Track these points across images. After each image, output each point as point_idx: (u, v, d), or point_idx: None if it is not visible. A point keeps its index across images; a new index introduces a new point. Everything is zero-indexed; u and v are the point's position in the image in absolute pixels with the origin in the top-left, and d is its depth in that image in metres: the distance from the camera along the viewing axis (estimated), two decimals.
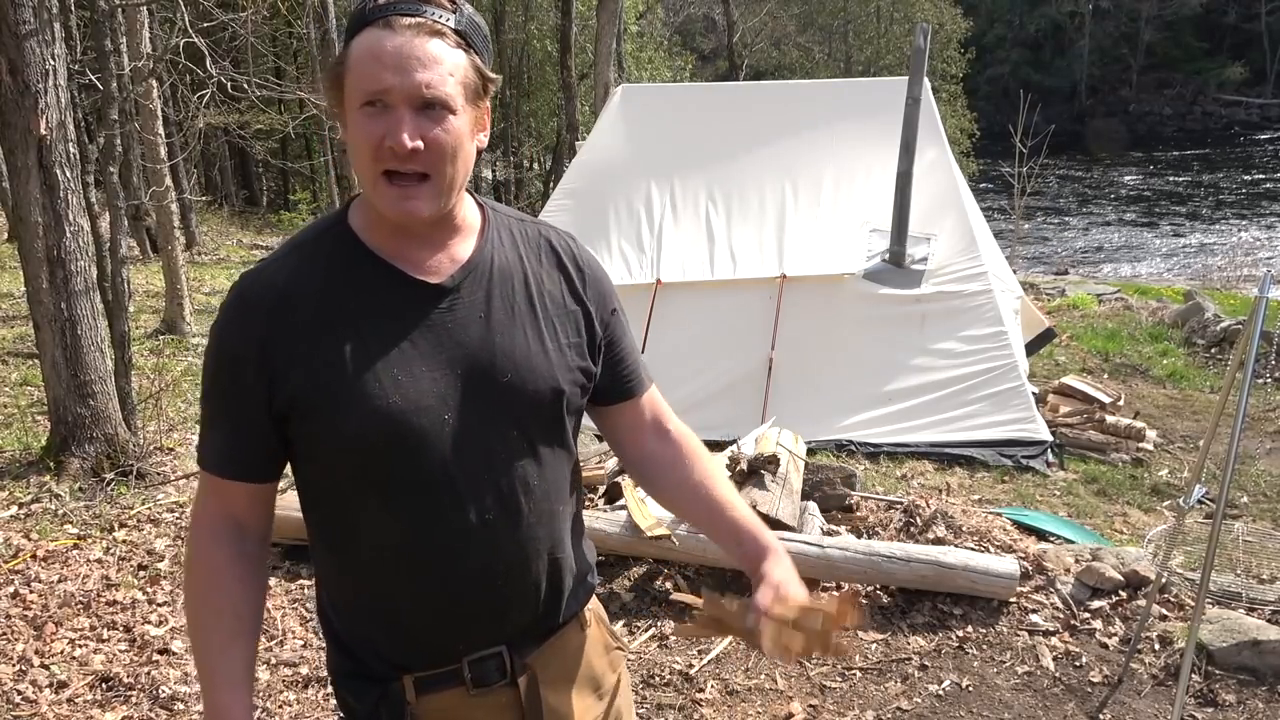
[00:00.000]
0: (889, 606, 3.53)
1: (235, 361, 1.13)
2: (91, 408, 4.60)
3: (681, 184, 6.54)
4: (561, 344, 1.22)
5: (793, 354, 5.82)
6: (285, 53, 20.56)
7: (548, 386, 1.20)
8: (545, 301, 1.23)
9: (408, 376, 1.12)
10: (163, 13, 10.80)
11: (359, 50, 1.06)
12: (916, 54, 6.06)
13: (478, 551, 1.17)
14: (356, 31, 1.08)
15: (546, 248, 1.27)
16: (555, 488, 1.24)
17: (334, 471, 1.16)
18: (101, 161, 5.19)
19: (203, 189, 20.80)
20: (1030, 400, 5.68)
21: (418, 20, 1.05)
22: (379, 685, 1.22)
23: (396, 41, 1.04)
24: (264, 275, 1.16)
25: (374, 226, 1.16)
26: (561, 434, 1.25)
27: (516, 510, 1.19)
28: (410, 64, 1.04)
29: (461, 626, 1.21)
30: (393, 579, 1.18)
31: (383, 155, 1.06)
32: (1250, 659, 3.09)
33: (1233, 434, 2.45)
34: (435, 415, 1.13)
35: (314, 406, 1.11)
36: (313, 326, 1.12)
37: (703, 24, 30.83)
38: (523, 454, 1.19)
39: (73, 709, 2.91)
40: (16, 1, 4.10)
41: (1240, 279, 14.16)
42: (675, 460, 1.36)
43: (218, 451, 1.18)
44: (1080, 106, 44.32)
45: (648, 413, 1.37)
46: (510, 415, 1.18)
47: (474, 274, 1.18)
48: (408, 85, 1.04)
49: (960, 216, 6.19)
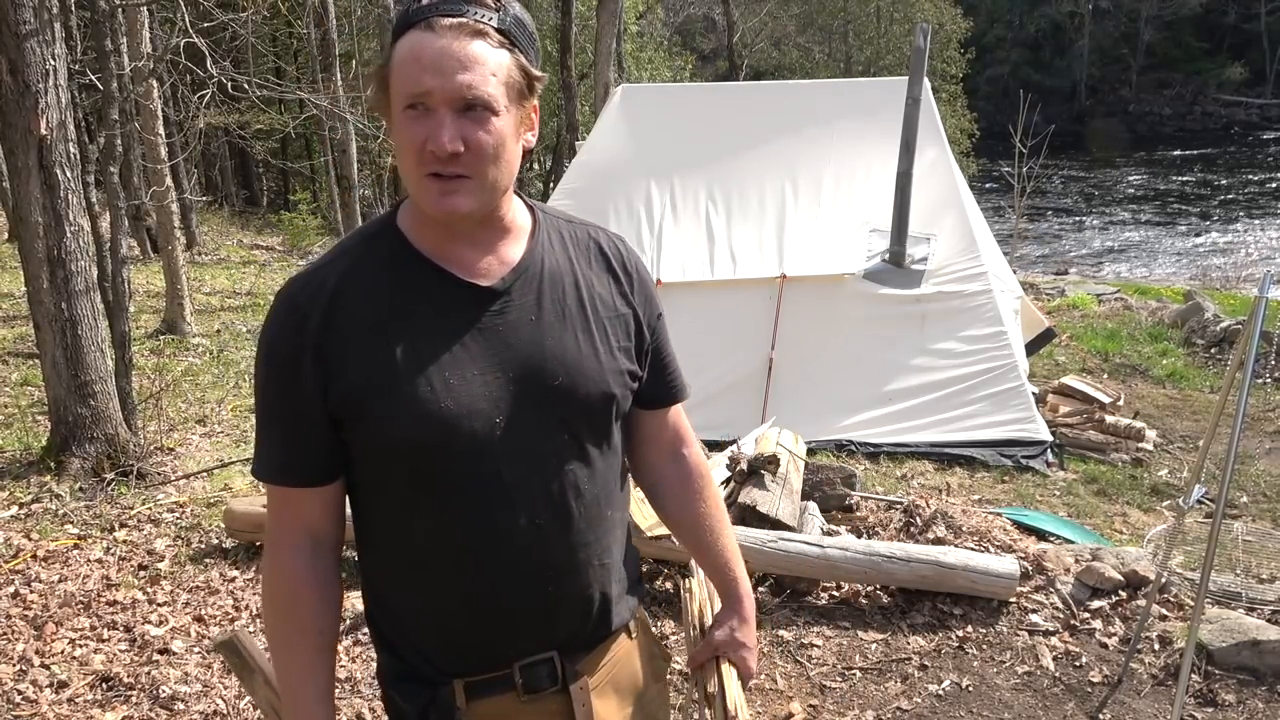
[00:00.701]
0: (889, 606, 3.53)
1: (287, 365, 1.11)
2: (92, 408, 4.61)
3: (681, 184, 6.54)
4: (612, 347, 1.22)
5: (793, 354, 5.82)
6: (285, 53, 20.55)
7: (599, 390, 1.19)
8: (596, 304, 1.22)
9: (459, 380, 1.12)
10: (163, 13, 10.80)
11: (401, 52, 1.06)
12: (916, 54, 6.06)
13: (529, 555, 1.17)
14: (401, 33, 1.07)
15: (596, 250, 1.27)
16: (605, 491, 1.25)
17: (385, 474, 1.15)
18: (101, 161, 5.19)
19: (203, 189, 20.79)
20: (1030, 400, 5.68)
21: (459, 21, 1.05)
22: (429, 688, 1.21)
23: (438, 43, 1.04)
24: (314, 278, 1.14)
25: (423, 229, 1.16)
26: (611, 437, 1.25)
27: (567, 514, 1.19)
28: (451, 65, 1.03)
29: (512, 631, 1.20)
30: (443, 582, 1.18)
31: (425, 158, 1.06)
32: (1250, 659, 3.09)
33: (1233, 434, 2.45)
34: (487, 419, 1.13)
35: (366, 409, 1.11)
36: (364, 329, 1.11)
37: (703, 24, 30.83)
38: (573, 457, 1.19)
39: (73, 709, 2.91)
40: (16, 1, 4.11)
41: (1240, 279, 14.17)
42: (684, 485, 1.41)
43: (272, 460, 1.17)
44: (1080, 106, 44.31)
45: (671, 425, 1.40)
46: (561, 419, 1.17)
47: (524, 276, 1.18)
48: (448, 87, 1.04)
49: (960, 216, 6.19)
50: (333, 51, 13.81)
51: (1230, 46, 43.81)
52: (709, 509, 1.41)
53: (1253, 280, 13.27)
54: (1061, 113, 35.61)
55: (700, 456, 1.43)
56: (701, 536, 1.41)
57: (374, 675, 3.09)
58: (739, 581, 1.41)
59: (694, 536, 1.42)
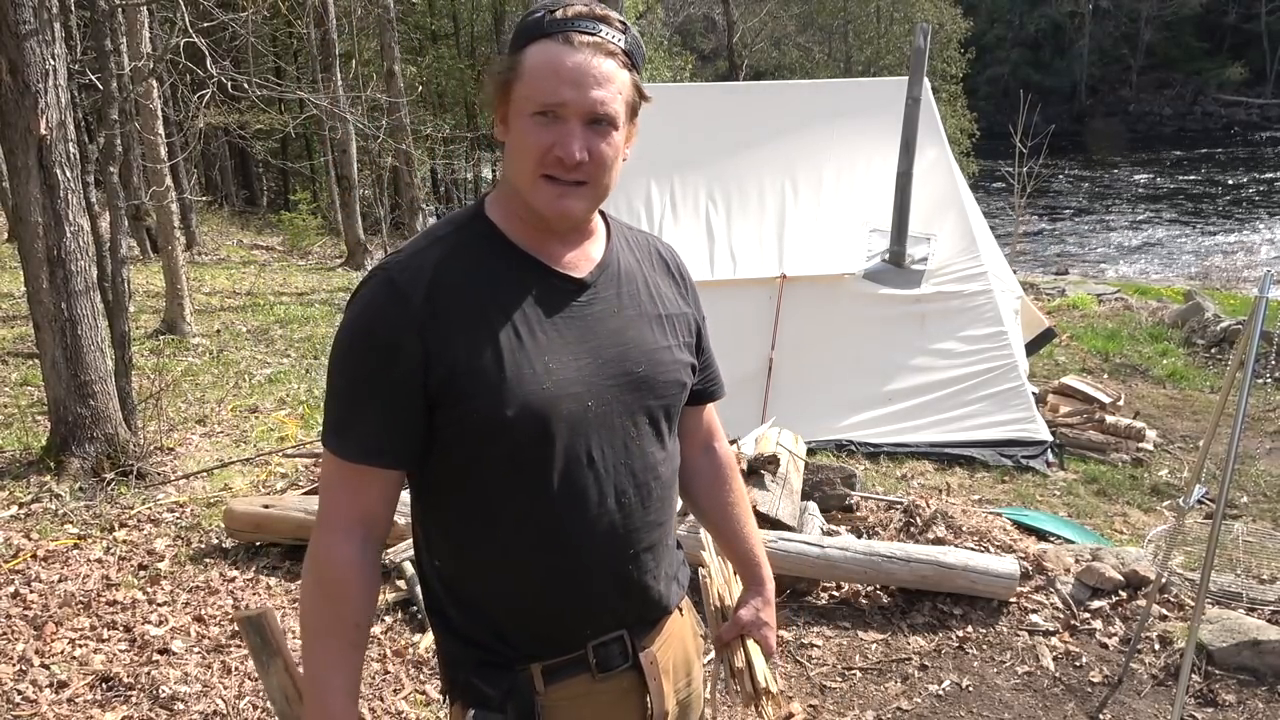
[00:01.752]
0: (889, 606, 3.53)
1: (390, 347, 1.13)
2: (91, 408, 4.60)
3: (681, 183, 6.54)
4: (680, 341, 1.32)
5: (793, 354, 5.83)
6: (285, 53, 20.55)
7: (674, 378, 1.29)
8: (664, 302, 1.32)
9: (557, 364, 1.17)
10: (163, 13, 10.80)
11: (536, 61, 1.12)
12: (916, 54, 6.06)
13: (612, 534, 1.23)
14: (529, 41, 1.13)
15: (656, 255, 1.37)
16: (674, 476, 1.34)
17: (481, 457, 1.17)
18: (101, 161, 5.19)
19: (203, 189, 20.79)
20: (1030, 400, 5.69)
21: (595, 40, 1.12)
22: (508, 674, 1.24)
23: (576, 58, 1.11)
24: (412, 262, 1.17)
25: (516, 221, 1.21)
26: (675, 425, 1.34)
27: (649, 494, 1.26)
28: (588, 81, 1.11)
29: (591, 610, 1.25)
30: (529, 564, 1.21)
31: (549, 162, 1.13)
32: (1250, 659, 3.09)
33: (1233, 434, 2.45)
34: (581, 401, 1.18)
35: (471, 391, 1.14)
36: (466, 313, 1.15)
37: (703, 24, 30.82)
38: (652, 441, 1.27)
39: (73, 709, 2.91)
40: (16, 1, 4.11)
41: (1240, 279, 14.17)
42: (714, 476, 1.50)
43: (364, 439, 1.17)
44: (1080, 106, 44.31)
45: (707, 420, 1.49)
46: (643, 404, 1.25)
47: (607, 273, 1.26)
48: (584, 101, 1.11)
49: (960, 216, 6.19)
50: (333, 51, 13.81)
51: (1230, 46, 43.80)
52: (736, 498, 1.50)
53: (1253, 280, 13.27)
54: (1061, 113, 35.62)
55: (728, 450, 1.52)
56: (729, 524, 1.49)
57: (374, 676, 3.09)
58: (762, 565, 1.50)
59: (722, 524, 1.50)
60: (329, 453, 1.20)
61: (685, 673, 1.41)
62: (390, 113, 12.61)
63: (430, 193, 23.49)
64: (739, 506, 1.50)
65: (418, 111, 17.82)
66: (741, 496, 1.51)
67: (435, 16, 24.26)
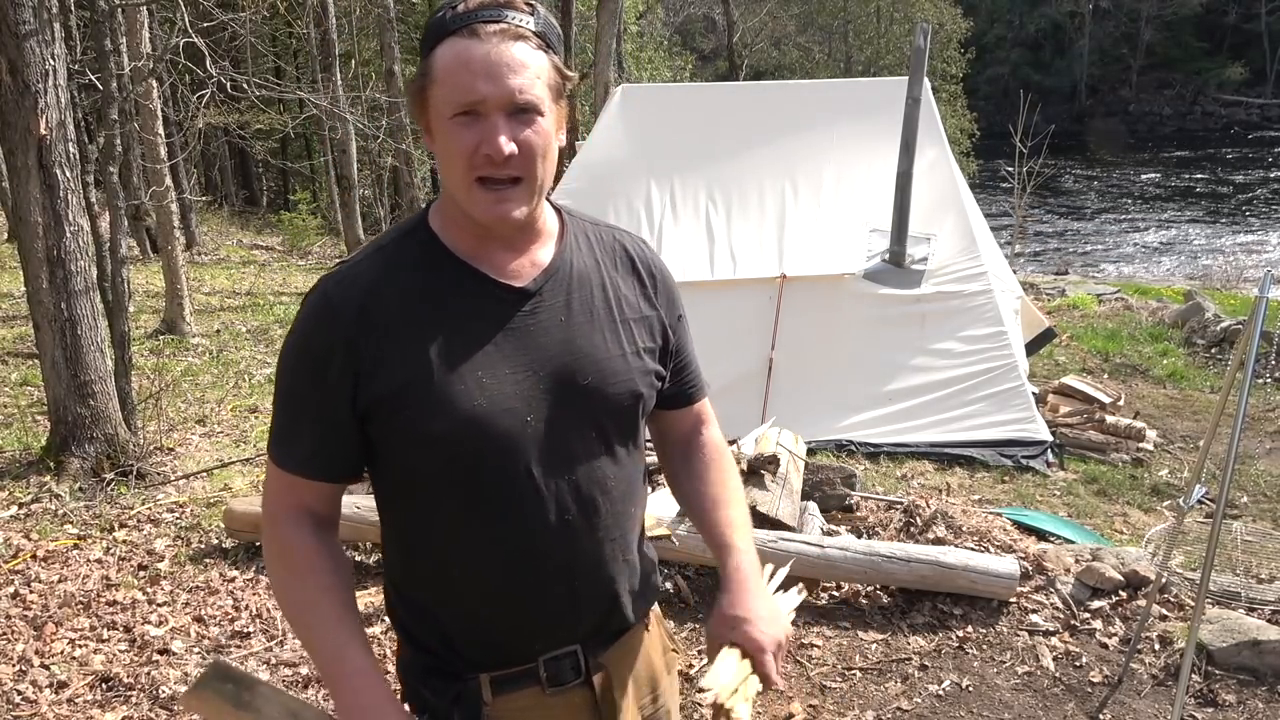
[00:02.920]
0: (889, 606, 3.53)
1: (321, 362, 1.12)
2: (91, 408, 4.61)
3: (681, 184, 6.54)
4: (639, 348, 1.25)
5: (793, 354, 5.82)
6: (285, 53, 20.55)
7: (627, 390, 1.22)
8: (622, 306, 1.25)
9: (492, 379, 1.14)
10: (163, 13, 10.80)
11: (446, 61, 1.07)
12: (916, 54, 6.06)
13: (557, 550, 1.19)
14: (437, 42, 1.08)
15: (621, 253, 1.30)
16: (630, 489, 1.28)
17: (417, 471, 1.16)
18: (101, 161, 5.19)
19: (203, 189, 20.79)
20: (1030, 400, 5.68)
21: (502, 26, 1.06)
22: (456, 682, 1.22)
23: (484, 49, 1.06)
24: (348, 276, 1.16)
25: (456, 230, 1.17)
26: (636, 437, 1.28)
27: (594, 510, 1.22)
28: (501, 71, 1.06)
29: (538, 626, 1.22)
30: (473, 577, 1.19)
31: (478, 162, 1.08)
32: (1250, 659, 3.08)
33: (1233, 434, 2.45)
34: (519, 417, 1.15)
35: (401, 407, 1.12)
36: (398, 327, 1.12)
37: (703, 24, 30.83)
38: (601, 456, 1.22)
39: (73, 709, 2.91)
40: (16, 1, 4.11)
41: (1240, 279, 14.16)
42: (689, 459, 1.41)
43: (300, 453, 1.17)
44: (1080, 106, 44.30)
45: (691, 419, 1.43)
46: (590, 418, 1.20)
47: (555, 278, 1.20)
48: (501, 92, 1.06)
49: (960, 216, 6.18)
50: (333, 51, 13.81)
51: (1230, 46, 43.79)
52: (712, 477, 1.39)
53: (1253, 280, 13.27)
54: (1061, 113, 35.60)
55: (715, 436, 1.44)
56: (701, 505, 1.37)
57: None
58: (730, 550, 1.30)
59: (695, 508, 1.38)
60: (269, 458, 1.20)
61: (650, 689, 1.37)
62: (390, 113, 12.62)
63: (430, 193, 23.49)
64: (713, 486, 1.38)
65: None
66: (720, 476, 1.39)
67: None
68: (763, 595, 1.29)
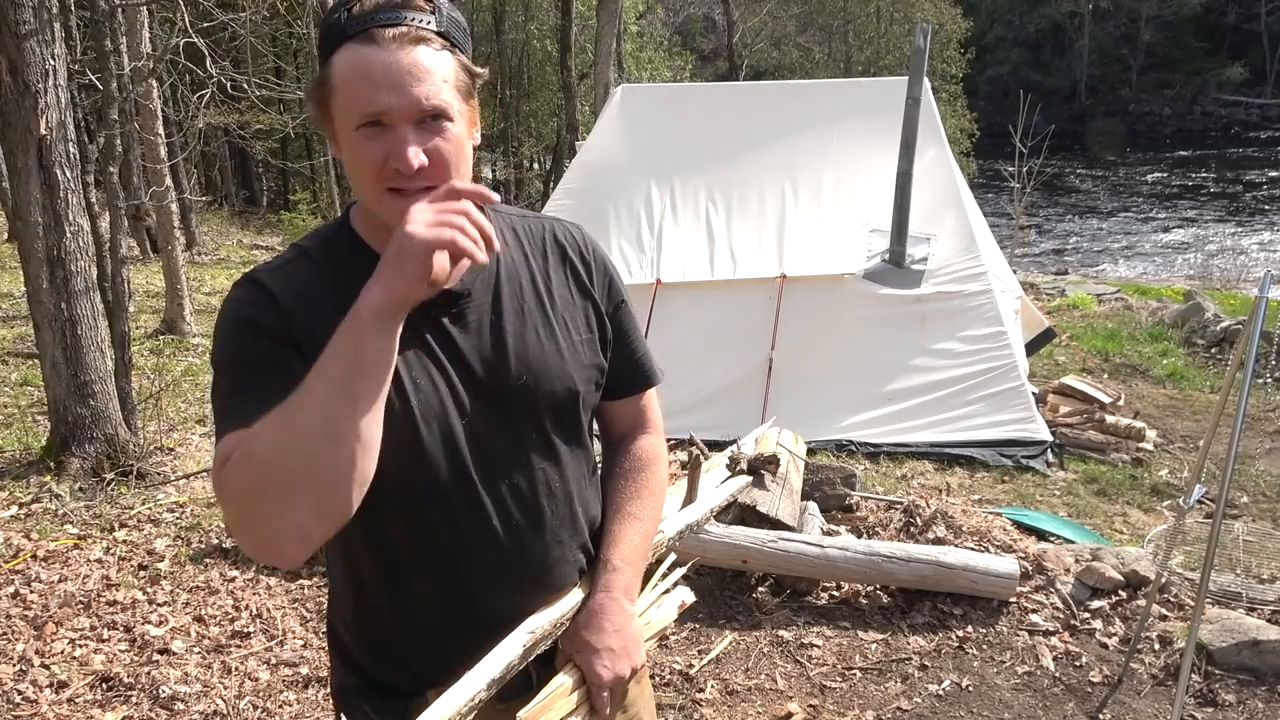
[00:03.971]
0: (889, 606, 3.53)
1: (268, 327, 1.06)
2: (91, 408, 4.61)
3: (681, 184, 6.54)
4: (574, 341, 1.21)
5: (793, 354, 5.82)
6: (285, 53, 20.54)
7: (563, 386, 1.18)
8: (554, 299, 1.21)
9: (425, 381, 1.10)
10: (163, 13, 10.80)
11: (345, 69, 1.01)
12: (916, 54, 6.06)
13: (502, 557, 1.16)
14: (335, 47, 1.02)
15: (551, 242, 1.25)
16: (576, 488, 1.24)
17: None
18: (101, 161, 5.19)
19: (203, 189, 20.79)
20: (1030, 400, 5.68)
21: (401, 30, 1.00)
22: (402, 700, 1.18)
23: (384, 57, 0.99)
24: (276, 273, 1.11)
25: (379, 233, 1.11)
26: (579, 433, 1.24)
27: (539, 513, 1.18)
28: (404, 80, 0.99)
29: (486, 635, 1.17)
30: (416, 589, 1.16)
31: (387, 175, 1.02)
32: (1250, 659, 3.09)
33: (1233, 434, 2.45)
34: (452, 420, 1.11)
35: None
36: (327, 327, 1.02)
37: (703, 24, 30.82)
38: (542, 456, 1.18)
39: (73, 709, 2.91)
40: (16, 1, 4.11)
41: (1240, 279, 14.16)
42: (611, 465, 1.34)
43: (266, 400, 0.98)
44: (1080, 106, 44.28)
45: (631, 414, 1.35)
46: (527, 418, 1.16)
47: (482, 277, 1.16)
48: (406, 102, 1.00)
49: (960, 216, 6.19)
50: None
51: (1230, 46, 43.78)
52: (621, 485, 1.31)
53: (1253, 280, 13.27)
54: (1061, 113, 35.57)
55: (649, 444, 1.36)
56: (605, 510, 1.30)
57: None
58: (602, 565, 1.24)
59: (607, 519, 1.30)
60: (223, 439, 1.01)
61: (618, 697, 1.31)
62: None
63: None
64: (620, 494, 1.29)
65: None
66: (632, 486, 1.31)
67: None
68: (619, 626, 1.21)
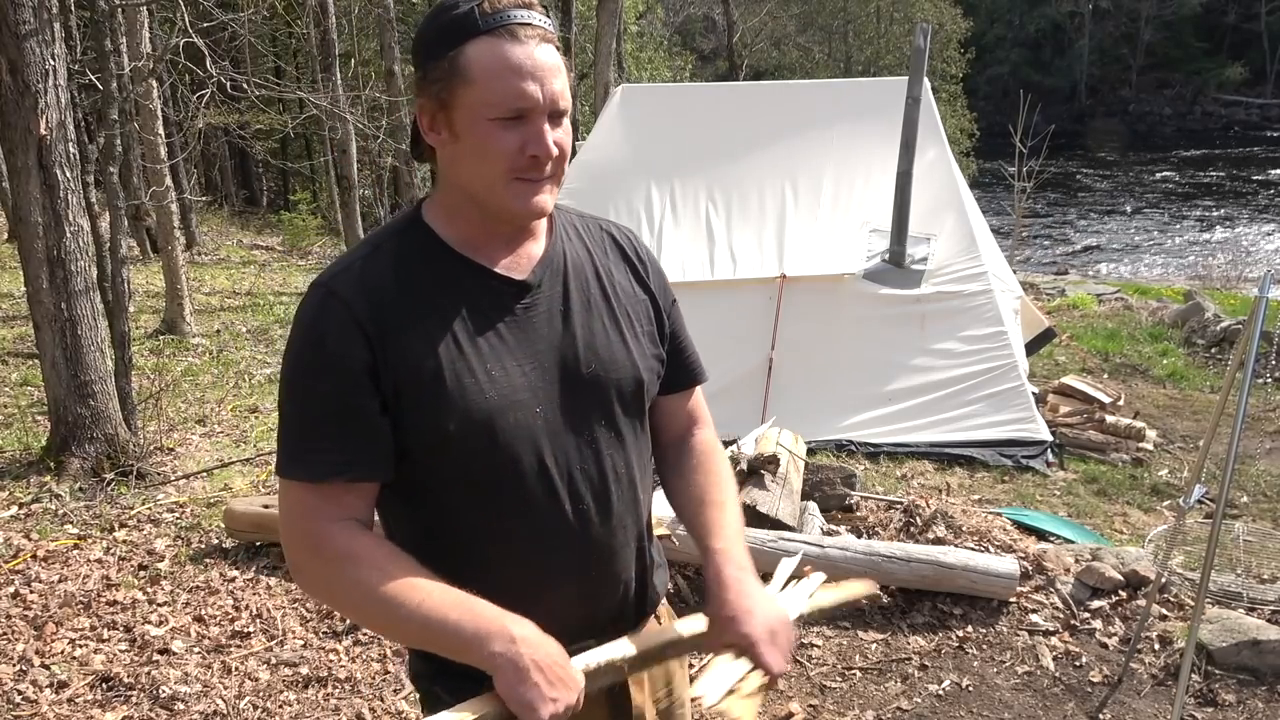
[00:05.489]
0: (889, 606, 3.53)
1: (342, 358, 1.08)
2: (91, 408, 4.61)
3: (681, 184, 6.54)
4: (637, 333, 1.26)
5: (793, 354, 5.82)
6: (285, 53, 20.55)
7: (630, 376, 1.23)
8: (617, 292, 1.26)
9: (501, 372, 1.14)
10: (163, 13, 10.81)
11: (485, 61, 1.06)
12: (916, 54, 6.06)
13: (572, 542, 1.19)
14: (463, 40, 1.06)
15: (610, 241, 1.31)
16: (639, 475, 1.28)
17: (429, 467, 1.14)
18: (101, 161, 5.19)
19: (203, 189, 20.79)
20: (1030, 400, 5.68)
21: (536, 29, 1.07)
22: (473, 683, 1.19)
23: (525, 52, 1.06)
24: (350, 274, 1.13)
25: (461, 224, 1.17)
26: (643, 422, 1.29)
27: (607, 499, 1.22)
28: (545, 75, 1.07)
29: (556, 619, 1.18)
30: (488, 573, 1.18)
31: (521, 164, 1.09)
32: (1250, 659, 3.09)
33: (1233, 434, 2.45)
34: (528, 409, 1.15)
35: (413, 405, 1.11)
36: (406, 322, 1.11)
37: (703, 24, 30.81)
38: (610, 444, 1.22)
39: (73, 709, 2.91)
40: (16, 1, 4.11)
41: (1240, 279, 14.16)
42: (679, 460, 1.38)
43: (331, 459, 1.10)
44: (1080, 106, 44.29)
45: (687, 410, 1.41)
46: (597, 406, 1.20)
47: (551, 269, 1.20)
48: (548, 96, 1.08)
49: (960, 216, 6.18)
50: (333, 51, 13.79)
51: (1230, 46, 43.79)
52: (699, 479, 1.35)
53: (1253, 280, 13.27)
54: (1061, 113, 35.57)
55: (709, 437, 1.42)
56: (688, 507, 1.34)
57: (375, 676, 3.09)
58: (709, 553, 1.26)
59: (683, 510, 1.35)
60: (291, 483, 1.12)
61: (665, 681, 1.37)
62: (390, 113, 12.62)
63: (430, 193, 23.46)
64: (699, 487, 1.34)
65: None
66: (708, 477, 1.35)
67: None
68: (749, 591, 1.23)
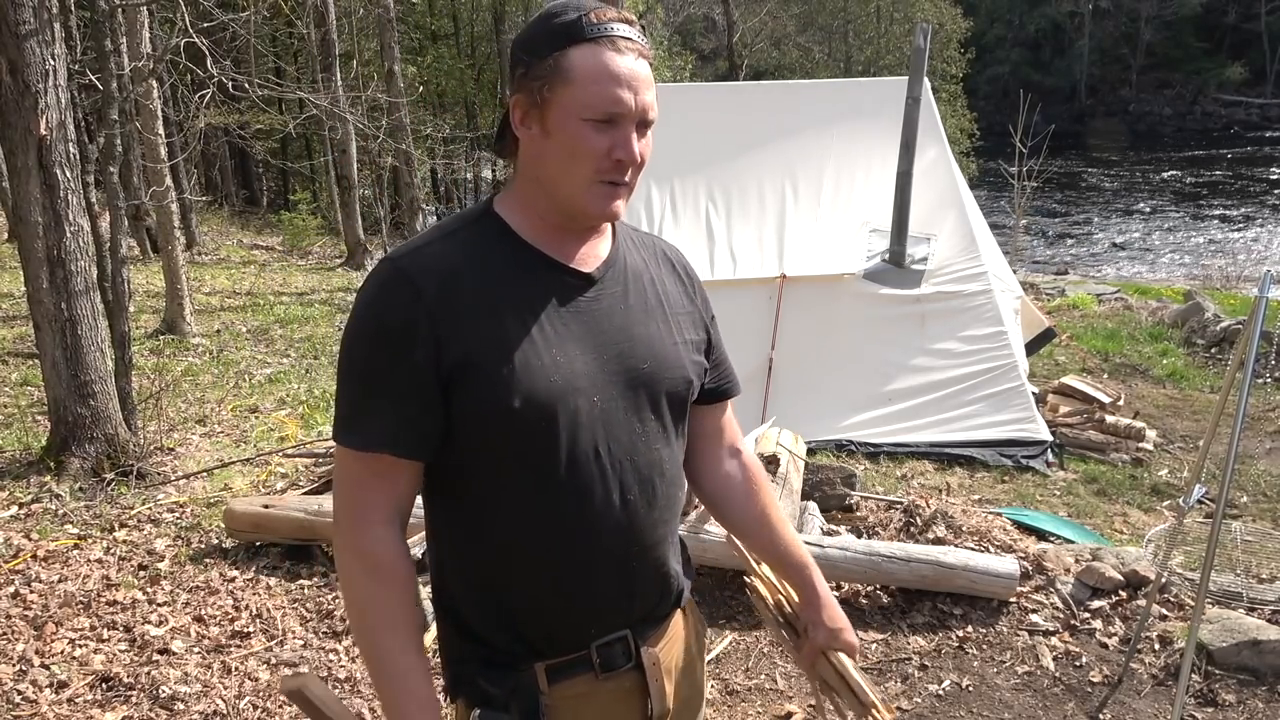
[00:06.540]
0: (889, 606, 3.53)
1: (402, 333, 1.13)
2: (91, 408, 4.61)
3: (681, 184, 6.55)
4: (687, 339, 1.32)
5: (793, 354, 5.83)
6: (285, 53, 20.56)
7: (680, 375, 1.29)
8: (670, 300, 1.33)
9: (564, 357, 1.18)
10: (163, 13, 10.81)
11: (587, 66, 1.13)
12: (916, 54, 6.07)
13: (617, 531, 1.22)
14: (568, 44, 1.13)
15: (662, 255, 1.39)
16: (680, 474, 1.34)
17: (488, 447, 1.17)
18: (101, 161, 5.19)
19: (203, 189, 20.80)
20: (1030, 400, 5.69)
21: (635, 44, 1.15)
22: (513, 673, 1.23)
23: (626, 62, 1.13)
24: (420, 254, 1.18)
25: (534, 218, 1.22)
26: (685, 422, 1.34)
27: (653, 492, 1.25)
28: (640, 85, 1.14)
29: (595, 609, 1.25)
30: (537, 557, 1.20)
31: (607, 166, 1.15)
32: (1250, 659, 3.09)
33: (1233, 434, 2.45)
34: (587, 397, 1.18)
35: (479, 382, 1.14)
36: (474, 303, 1.15)
37: (703, 24, 30.79)
38: (658, 439, 1.27)
39: (73, 709, 2.91)
40: (16, 1, 4.11)
41: (1240, 279, 14.16)
42: (746, 484, 1.47)
43: (381, 430, 1.14)
44: (1080, 106, 44.30)
45: (726, 423, 1.47)
46: (649, 401, 1.25)
47: (614, 269, 1.27)
48: (640, 105, 1.15)
49: (960, 216, 6.19)
50: (333, 51, 13.81)
51: (1230, 46, 43.79)
52: (770, 506, 1.47)
53: (1253, 280, 13.26)
54: (1061, 113, 35.59)
55: (753, 457, 1.51)
56: (767, 534, 1.46)
57: None
58: (809, 567, 1.48)
59: (760, 535, 1.46)
60: (346, 449, 1.17)
61: (688, 673, 1.41)
62: (390, 113, 12.63)
63: (430, 193, 23.50)
64: (773, 514, 1.47)
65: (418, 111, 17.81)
66: (773, 503, 1.49)
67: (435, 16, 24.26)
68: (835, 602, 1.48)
